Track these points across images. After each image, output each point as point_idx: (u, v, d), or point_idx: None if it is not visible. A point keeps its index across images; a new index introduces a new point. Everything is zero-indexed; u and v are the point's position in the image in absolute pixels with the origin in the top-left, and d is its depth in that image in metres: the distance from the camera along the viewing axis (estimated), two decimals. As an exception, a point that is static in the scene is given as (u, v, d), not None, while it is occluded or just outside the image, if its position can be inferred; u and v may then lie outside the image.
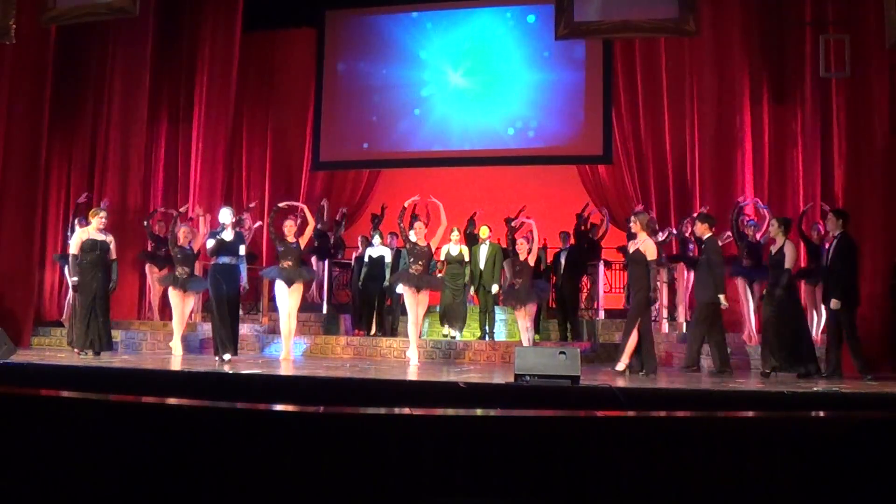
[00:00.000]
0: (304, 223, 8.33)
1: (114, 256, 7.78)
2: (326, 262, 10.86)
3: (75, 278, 7.58)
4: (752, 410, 4.53)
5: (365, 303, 9.85)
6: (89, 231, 7.66)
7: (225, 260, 7.33)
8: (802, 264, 8.11)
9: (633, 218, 7.29)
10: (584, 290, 10.33)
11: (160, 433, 3.46)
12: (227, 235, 7.37)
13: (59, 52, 9.83)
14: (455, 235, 9.32)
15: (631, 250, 7.06)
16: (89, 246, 7.55)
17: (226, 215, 7.46)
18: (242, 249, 7.47)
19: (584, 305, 10.32)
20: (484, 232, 9.63)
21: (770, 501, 3.22)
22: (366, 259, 9.80)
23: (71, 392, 4.09)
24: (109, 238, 7.74)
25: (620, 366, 6.87)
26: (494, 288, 9.16)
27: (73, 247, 7.61)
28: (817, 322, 8.15)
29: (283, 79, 12.73)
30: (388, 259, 9.69)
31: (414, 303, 7.87)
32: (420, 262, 7.87)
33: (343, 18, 12.52)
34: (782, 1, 9.49)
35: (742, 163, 9.60)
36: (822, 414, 4.15)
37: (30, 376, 6.03)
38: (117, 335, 9.17)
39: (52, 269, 10.24)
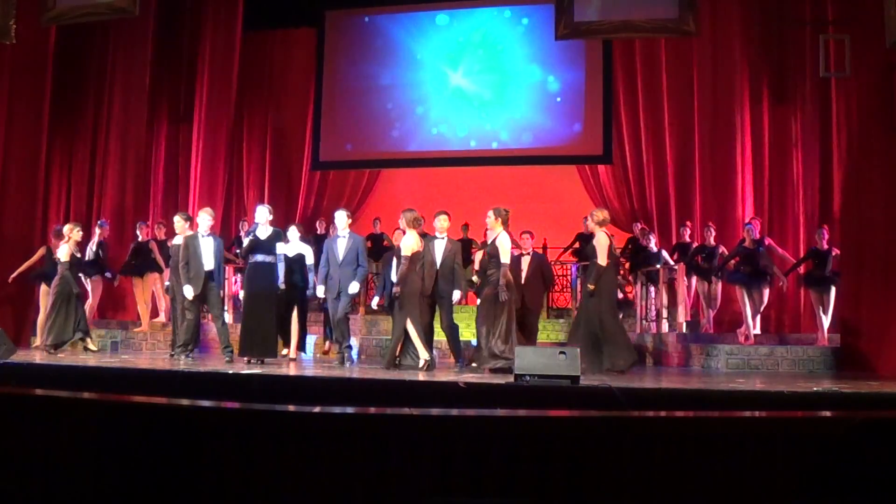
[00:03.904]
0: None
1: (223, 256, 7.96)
2: None
3: (167, 282, 7.91)
4: (752, 410, 4.53)
5: (280, 316, 7.64)
6: (195, 235, 7.51)
7: (259, 258, 7.15)
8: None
9: (401, 215, 7.25)
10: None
11: (160, 433, 3.46)
12: (263, 233, 7.20)
13: (59, 52, 9.82)
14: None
15: None
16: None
17: (262, 213, 7.26)
18: (280, 247, 7.24)
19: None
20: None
21: (770, 501, 3.22)
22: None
23: (69, 392, 4.09)
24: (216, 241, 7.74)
25: (423, 358, 6.80)
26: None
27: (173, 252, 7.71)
28: (823, 324, 8.30)
29: (283, 79, 12.75)
30: (310, 260, 7.94)
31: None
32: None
33: (343, 18, 12.52)
34: (782, 1, 9.50)
35: (742, 162, 9.63)
36: (822, 414, 4.15)
37: (30, 376, 6.03)
38: (117, 335, 9.20)
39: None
